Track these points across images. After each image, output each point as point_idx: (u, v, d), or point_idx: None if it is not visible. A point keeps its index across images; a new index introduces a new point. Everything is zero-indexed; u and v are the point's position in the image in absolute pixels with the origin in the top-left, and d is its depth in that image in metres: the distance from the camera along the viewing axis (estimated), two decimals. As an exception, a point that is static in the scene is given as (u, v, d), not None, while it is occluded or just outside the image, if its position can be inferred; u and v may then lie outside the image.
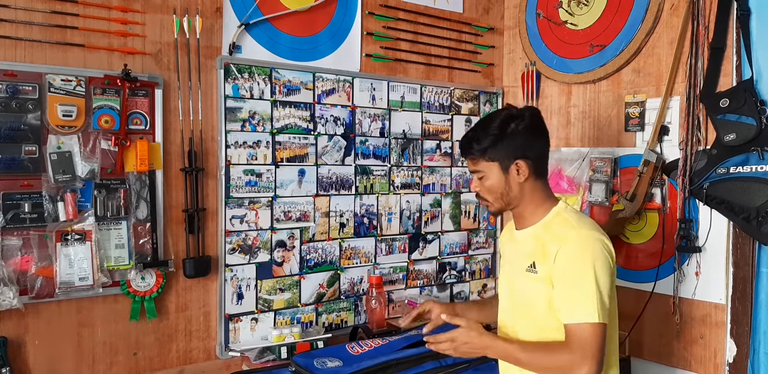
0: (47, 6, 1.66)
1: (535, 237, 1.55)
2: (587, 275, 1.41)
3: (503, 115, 1.57)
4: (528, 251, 1.55)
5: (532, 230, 1.57)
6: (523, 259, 1.55)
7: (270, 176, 2.05)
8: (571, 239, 1.46)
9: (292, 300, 2.10)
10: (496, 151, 1.54)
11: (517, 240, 1.62)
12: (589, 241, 1.45)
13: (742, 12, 1.84)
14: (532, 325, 1.53)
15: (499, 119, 1.56)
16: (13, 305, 1.58)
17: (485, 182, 1.57)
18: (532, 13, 2.53)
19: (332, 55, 2.19)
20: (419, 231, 2.43)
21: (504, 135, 1.54)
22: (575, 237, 1.46)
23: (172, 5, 1.85)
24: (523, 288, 1.56)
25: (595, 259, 1.42)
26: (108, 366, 1.78)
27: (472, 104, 2.59)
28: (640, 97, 2.14)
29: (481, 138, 1.55)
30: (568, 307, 1.43)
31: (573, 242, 1.45)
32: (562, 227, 1.51)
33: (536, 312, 1.51)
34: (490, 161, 1.55)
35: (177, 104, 1.86)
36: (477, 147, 1.56)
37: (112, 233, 1.76)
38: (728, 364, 1.89)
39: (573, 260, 1.44)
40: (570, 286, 1.43)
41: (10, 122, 1.60)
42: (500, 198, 1.57)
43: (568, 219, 1.52)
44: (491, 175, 1.56)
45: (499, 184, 1.56)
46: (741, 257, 1.86)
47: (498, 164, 1.55)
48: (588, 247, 1.44)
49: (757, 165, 1.77)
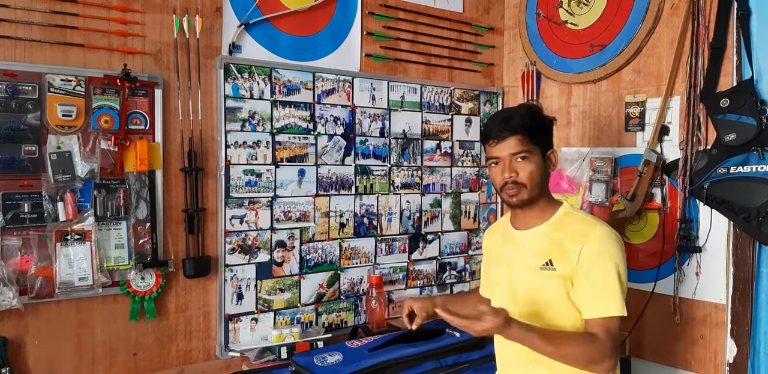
0: (47, 6, 1.66)
1: (546, 236, 1.53)
2: (613, 270, 1.44)
3: (532, 104, 1.59)
4: (539, 250, 1.52)
5: (540, 229, 1.55)
6: (534, 258, 1.52)
7: (270, 176, 2.04)
8: (595, 236, 1.46)
9: (292, 300, 2.10)
10: (541, 135, 1.52)
11: (520, 241, 1.59)
12: (612, 238, 1.48)
13: (743, 12, 1.84)
14: (541, 324, 1.49)
15: (535, 108, 1.56)
16: (12, 305, 1.58)
17: (528, 166, 1.49)
18: (533, 13, 2.53)
19: (332, 55, 2.19)
20: (419, 231, 2.43)
21: (547, 125, 1.55)
22: (598, 234, 1.47)
23: (171, 5, 1.85)
24: (535, 286, 1.51)
25: (618, 254, 1.46)
26: (108, 367, 1.78)
27: (472, 103, 2.59)
28: (641, 97, 2.14)
29: (527, 118, 1.49)
30: (595, 302, 1.44)
31: (596, 240, 1.46)
32: (581, 225, 1.50)
33: (550, 310, 1.49)
34: (535, 145, 1.50)
35: (177, 103, 1.86)
36: (529, 124, 1.48)
37: (111, 233, 1.76)
38: (728, 364, 1.89)
39: (600, 257, 1.45)
40: (598, 282, 1.44)
41: (10, 121, 1.60)
42: (537, 186, 1.50)
43: (584, 218, 1.53)
44: (535, 159, 1.50)
45: (540, 170, 1.50)
46: (741, 258, 1.86)
47: (539, 149, 1.51)
48: (612, 243, 1.47)
49: (758, 165, 1.77)
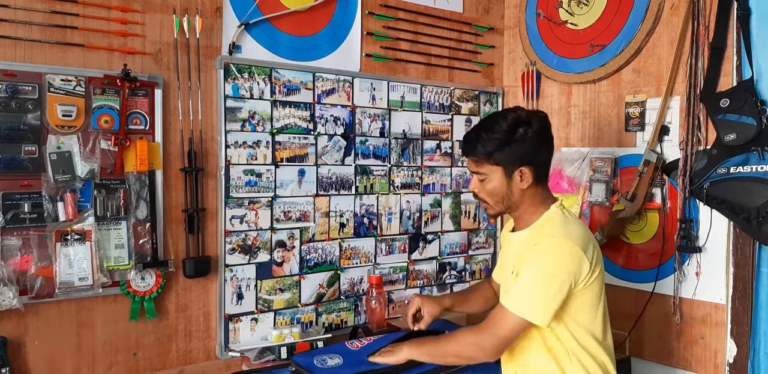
0: (47, 6, 1.66)
1: (523, 241, 1.54)
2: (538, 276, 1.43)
3: (511, 118, 1.51)
4: (515, 254, 1.55)
5: (523, 233, 1.57)
6: (511, 261, 1.56)
7: (270, 176, 2.04)
8: (539, 243, 1.46)
9: (292, 300, 2.10)
10: (502, 155, 1.50)
11: (509, 242, 1.64)
12: (556, 250, 1.44)
13: (743, 12, 1.83)
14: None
15: (507, 123, 1.50)
16: (12, 305, 1.58)
17: (487, 185, 1.55)
18: (532, 13, 2.53)
19: (332, 55, 2.19)
20: (419, 231, 2.43)
21: (512, 140, 1.49)
22: (543, 243, 1.46)
23: (171, 5, 1.85)
24: (507, 290, 1.54)
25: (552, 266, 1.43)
26: (108, 367, 1.78)
27: (472, 103, 2.59)
28: (641, 97, 2.14)
29: (486, 140, 1.50)
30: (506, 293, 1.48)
31: (539, 246, 1.46)
32: (540, 232, 1.50)
33: None
34: (494, 165, 1.52)
35: (177, 103, 1.86)
36: (482, 149, 1.51)
37: (111, 233, 1.76)
38: (728, 364, 1.89)
39: (532, 261, 1.45)
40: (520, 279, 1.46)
41: (10, 121, 1.60)
42: (500, 202, 1.55)
43: (552, 227, 1.50)
44: (494, 178, 1.53)
45: (501, 188, 1.53)
46: (741, 258, 1.86)
47: (502, 168, 1.51)
48: (551, 254, 1.44)
49: (758, 165, 1.77)
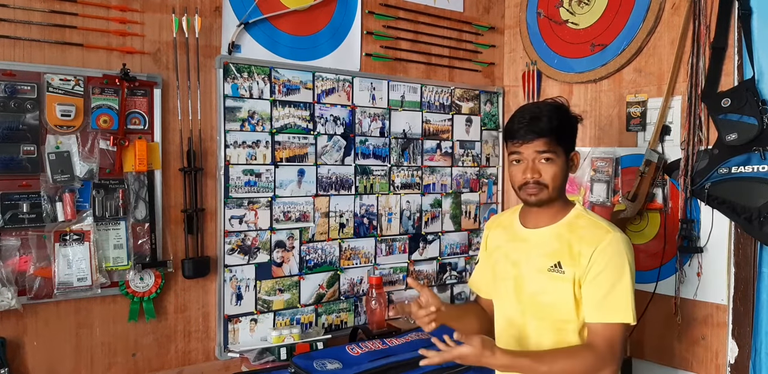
0: (46, 5, 1.66)
1: (557, 237, 1.50)
2: (624, 277, 1.42)
3: (561, 103, 1.52)
4: (549, 250, 1.50)
5: (552, 229, 1.52)
6: (542, 259, 1.50)
7: (269, 176, 2.04)
8: (607, 241, 1.44)
9: (291, 300, 2.09)
10: (566, 136, 1.49)
11: (528, 239, 1.56)
12: (624, 244, 1.45)
13: (744, 11, 1.83)
14: (550, 326, 1.49)
15: (567, 107, 1.52)
16: (11, 305, 1.58)
17: (552, 168, 1.46)
18: (533, 13, 2.52)
19: (332, 55, 2.19)
20: (419, 232, 2.42)
21: (574, 123, 1.52)
22: (611, 240, 1.45)
23: (171, 4, 1.84)
24: (543, 288, 1.49)
25: (629, 262, 1.44)
26: (106, 367, 1.77)
27: (473, 103, 2.58)
28: (642, 96, 2.13)
29: (556, 120, 1.46)
30: (599, 306, 1.42)
31: (609, 245, 1.44)
32: (592, 229, 1.48)
33: (559, 313, 1.48)
34: (559, 146, 1.47)
35: (176, 103, 1.86)
36: (556, 129, 1.45)
37: (110, 233, 1.75)
38: (730, 365, 1.88)
39: (611, 263, 1.43)
40: (605, 286, 1.42)
41: (9, 121, 1.60)
42: (558, 187, 1.48)
43: (596, 221, 1.50)
44: (559, 161, 1.47)
45: (563, 172, 1.48)
46: (743, 258, 1.85)
47: (563, 150, 1.48)
48: (623, 250, 1.45)
49: (759, 165, 1.76)
